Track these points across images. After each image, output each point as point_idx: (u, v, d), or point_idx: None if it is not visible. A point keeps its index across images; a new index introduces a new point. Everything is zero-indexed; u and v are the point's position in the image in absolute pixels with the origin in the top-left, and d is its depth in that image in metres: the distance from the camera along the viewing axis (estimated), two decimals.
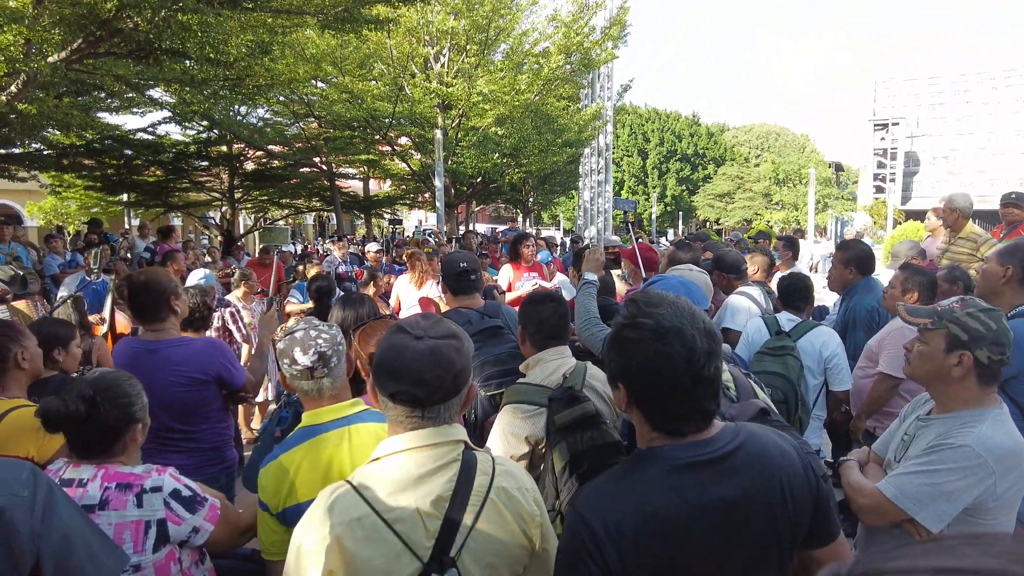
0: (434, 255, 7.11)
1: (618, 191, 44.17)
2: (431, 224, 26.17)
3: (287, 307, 6.39)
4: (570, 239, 15.56)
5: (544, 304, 2.36)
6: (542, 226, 41.56)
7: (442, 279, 3.39)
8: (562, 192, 29.73)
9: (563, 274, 6.79)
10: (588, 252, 3.32)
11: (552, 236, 24.00)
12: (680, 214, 49.06)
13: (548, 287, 5.59)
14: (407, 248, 8.36)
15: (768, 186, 49.82)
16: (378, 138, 16.46)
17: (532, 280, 5.70)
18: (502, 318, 3.08)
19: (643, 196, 47.36)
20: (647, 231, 32.16)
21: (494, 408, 2.48)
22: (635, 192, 48.17)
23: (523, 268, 5.92)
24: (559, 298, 2.47)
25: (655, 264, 4.52)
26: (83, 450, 1.78)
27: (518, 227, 19.67)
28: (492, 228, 24.88)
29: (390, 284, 6.52)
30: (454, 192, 17.82)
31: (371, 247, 8.96)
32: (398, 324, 1.39)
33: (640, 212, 43.70)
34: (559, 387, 2.13)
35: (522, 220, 27.55)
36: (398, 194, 22.27)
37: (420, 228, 26.36)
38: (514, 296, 5.44)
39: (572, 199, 32.17)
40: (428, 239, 12.44)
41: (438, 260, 6.20)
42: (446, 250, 9.01)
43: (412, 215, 34.80)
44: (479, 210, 34.07)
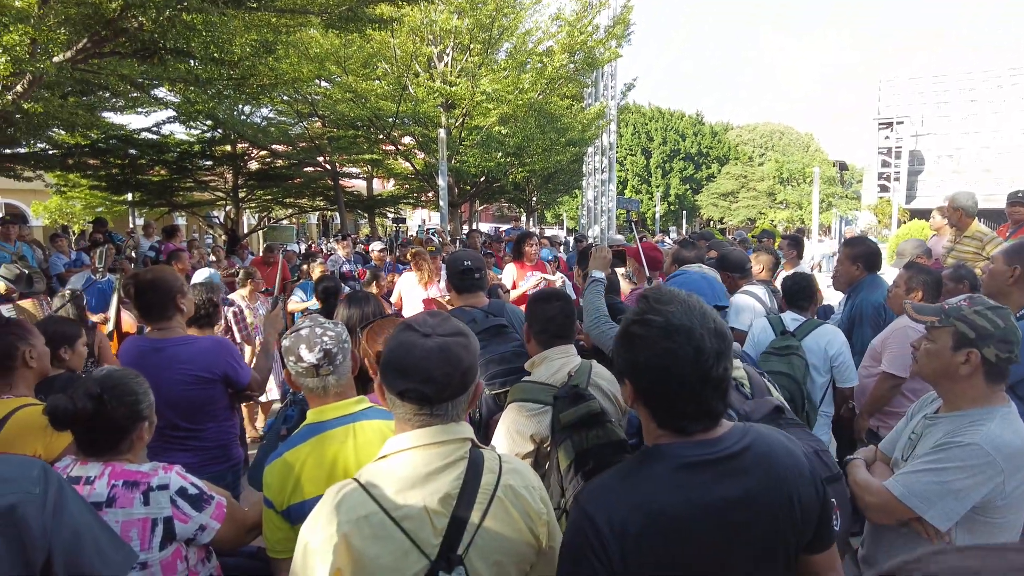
0: (437, 254, 7.11)
1: (621, 190, 44.12)
2: (434, 223, 26.16)
3: (288, 305, 6.40)
4: (573, 238, 15.54)
5: (551, 303, 2.35)
6: (545, 225, 41.53)
7: (446, 277, 3.39)
8: (565, 191, 29.70)
9: (562, 273, 6.78)
10: (595, 250, 3.30)
11: (556, 235, 24.00)
12: (684, 213, 48.99)
13: (552, 280, 5.60)
14: (411, 248, 8.36)
15: (772, 185, 49.71)
16: (382, 137, 16.48)
17: (536, 276, 5.71)
18: (506, 317, 3.07)
19: (647, 195, 47.31)
20: (651, 230, 32.10)
21: (498, 407, 2.48)
22: (639, 191, 48.11)
23: (527, 267, 5.94)
24: (566, 296, 2.47)
25: (659, 263, 4.52)
26: (90, 448, 1.79)
27: (521, 226, 19.65)
28: (495, 227, 24.87)
29: (392, 283, 6.53)
30: (457, 191, 17.83)
31: (375, 246, 8.98)
32: (406, 322, 1.39)
33: (643, 211, 43.65)
34: (564, 385, 2.13)
35: (525, 219, 27.53)
36: (402, 193, 22.29)
37: (423, 227, 26.36)
38: (518, 294, 5.44)
39: (575, 198, 32.12)
40: (432, 238, 12.44)
41: (440, 259, 6.21)
42: (449, 249, 9.03)
43: (415, 214, 34.80)
44: (482, 209, 34.08)
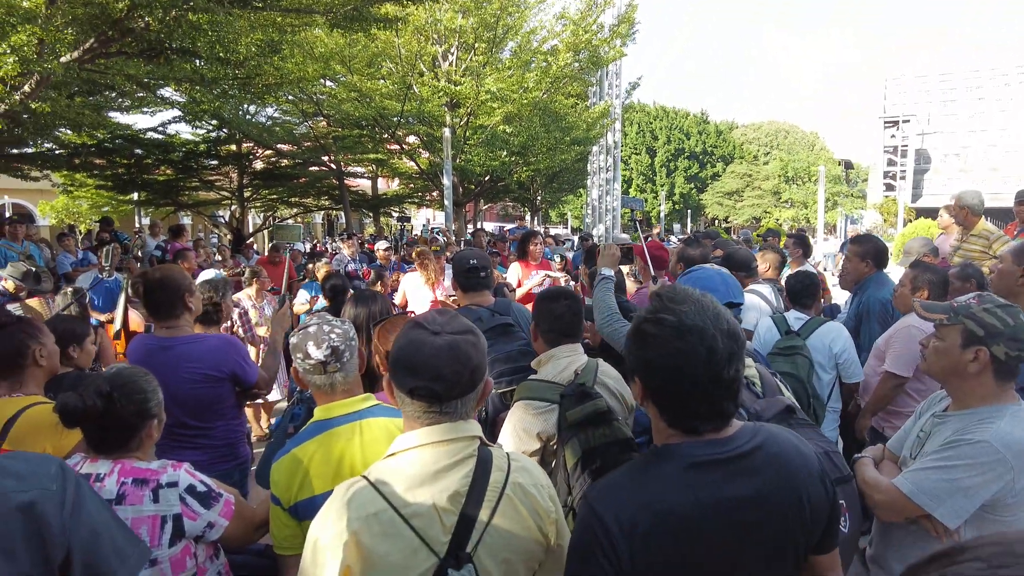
0: (441, 253, 7.12)
1: (626, 189, 44.06)
2: (439, 222, 26.16)
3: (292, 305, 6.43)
4: (578, 237, 15.52)
5: (559, 301, 2.35)
6: (550, 224, 41.52)
7: (452, 276, 3.39)
8: (570, 190, 29.66)
9: (567, 272, 6.79)
10: (604, 247, 3.30)
11: (560, 234, 23.94)
12: (688, 212, 48.87)
13: (557, 277, 5.62)
14: (416, 247, 8.37)
15: (777, 184, 49.52)
16: (386, 137, 16.49)
17: (540, 274, 5.72)
18: (512, 315, 3.08)
19: (651, 194, 47.21)
20: (655, 229, 32.07)
21: (504, 405, 2.49)
22: (643, 190, 48.00)
23: (531, 265, 5.96)
24: (574, 295, 2.47)
25: (665, 263, 4.51)
26: (100, 445, 1.80)
27: (526, 225, 19.63)
28: (500, 226, 24.86)
29: (397, 282, 6.54)
30: (462, 190, 17.83)
31: (380, 245, 9.01)
32: (415, 320, 1.39)
33: (648, 210, 43.56)
34: (571, 384, 2.13)
35: (530, 218, 27.53)
36: (406, 192, 22.30)
37: (428, 226, 26.37)
38: (523, 292, 5.46)
39: (580, 197, 32.07)
40: (436, 237, 12.46)
41: (445, 258, 6.22)
42: (454, 248, 9.04)
43: (420, 213, 34.82)
44: (487, 208, 34.07)
